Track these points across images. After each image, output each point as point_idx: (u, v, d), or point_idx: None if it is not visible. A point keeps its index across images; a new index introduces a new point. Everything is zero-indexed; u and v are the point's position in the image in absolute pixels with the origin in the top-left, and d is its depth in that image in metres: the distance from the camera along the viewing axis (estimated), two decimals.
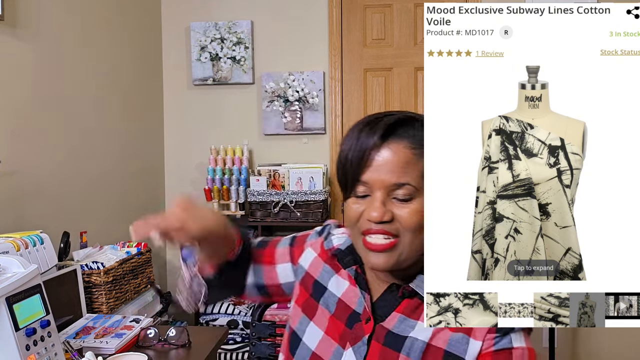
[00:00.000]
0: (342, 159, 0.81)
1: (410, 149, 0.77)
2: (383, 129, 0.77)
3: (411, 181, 0.76)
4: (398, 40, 2.78)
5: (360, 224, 0.78)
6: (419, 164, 0.76)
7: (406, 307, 0.81)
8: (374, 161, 0.77)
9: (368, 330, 0.80)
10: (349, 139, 0.81)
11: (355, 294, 0.85)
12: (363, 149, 0.77)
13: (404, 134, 0.78)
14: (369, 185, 0.77)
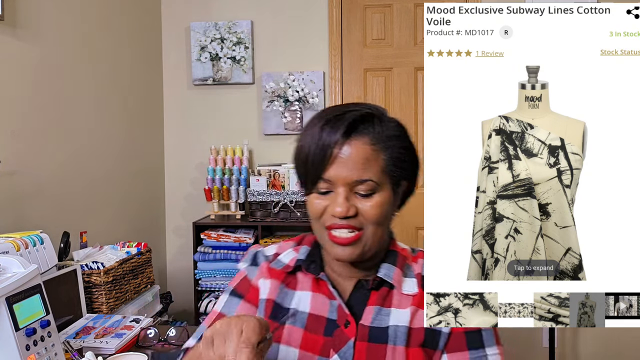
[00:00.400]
0: (302, 155, 0.82)
1: (370, 145, 0.79)
2: (346, 126, 0.79)
3: (373, 177, 0.79)
4: (398, 40, 2.78)
5: (324, 219, 0.81)
6: (378, 160, 0.79)
7: (377, 298, 0.84)
8: (337, 158, 0.79)
9: (352, 334, 0.81)
10: (309, 135, 0.81)
11: (323, 302, 0.84)
12: (326, 145, 0.79)
13: (365, 131, 0.80)
14: (331, 182, 0.79)
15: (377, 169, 0.79)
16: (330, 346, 0.81)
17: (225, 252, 2.52)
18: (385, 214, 0.81)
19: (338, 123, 0.79)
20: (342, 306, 0.83)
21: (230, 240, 2.53)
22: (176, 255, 2.95)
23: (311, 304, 0.84)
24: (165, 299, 2.34)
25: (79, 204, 2.11)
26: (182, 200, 2.92)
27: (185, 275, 2.86)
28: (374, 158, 0.79)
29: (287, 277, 0.88)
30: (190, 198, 2.90)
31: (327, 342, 0.81)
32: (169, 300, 2.40)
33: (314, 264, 0.87)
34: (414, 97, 2.76)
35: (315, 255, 0.89)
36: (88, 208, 2.18)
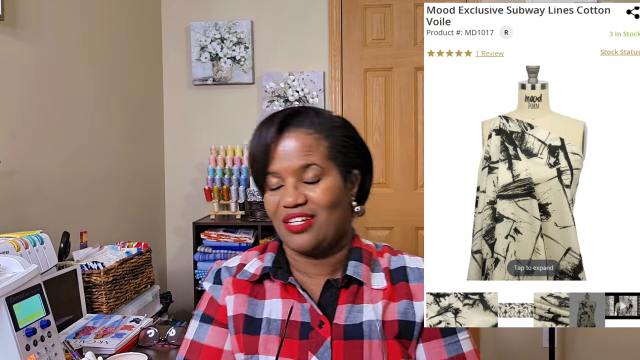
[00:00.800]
0: (250, 158, 0.86)
1: (309, 134, 0.83)
2: (280, 120, 0.83)
3: (316, 161, 0.82)
4: (398, 40, 2.78)
5: (279, 213, 0.84)
6: (320, 147, 0.83)
7: (347, 296, 0.85)
8: (278, 151, 0.83)
9: (327, 334, 0.82)
10: (253, 138, 0.86)
11: (295, 306, 0.85)
12: (266, 142, 0.83)
13: (301, 122, 0.84)
14: (279, 175, 0.83)
15: (320, 155, 0.83)
16: (307, 348, 0.82)
17: (225, 252, 2.52)
18: (336, 199, 0.83)
19: (273, 119, 0.84)
20: (314, 307, 0.84)
21: (230, 240, 2.53)
22: (176, 255, 2.95)
23: (283, 311, 0.85)
24: (165, 299, 2.34)
25: (79, 204, 2.11)
26: (182, 200, 2.92)
27: (185, 275, 2.86)
28: (315, 145, 0.83)
29: (254, 288, 0.88)
30: (190, 198, 2.90)
31: (303, 345, 0.82)
32: (169, 300, 2.40)
33: (281, 270, 0.88)
34: (414, 97, 2.76)
35: (281, 261, 0.89)
36: (88, 208, 2.18)
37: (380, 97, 2.79)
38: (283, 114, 0.84)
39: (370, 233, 2.79)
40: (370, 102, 2.80)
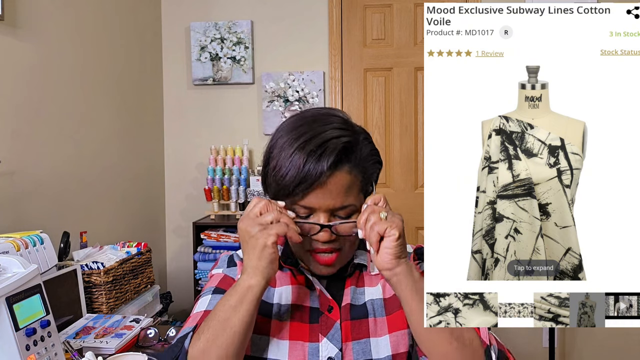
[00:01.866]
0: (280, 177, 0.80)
1: (349, 173, 0.81)
2: (332, 156, 0.78)
3: (353, 202, 0.82)
4: (398, 40, 2.78)
5: (305, 243, 0.83)
6: (356, 184, 0.83)
7: (351, 281, 0.90)
8: (322, 188, 0.79)
9: (337, 317, 0.86)
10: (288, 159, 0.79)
11: (304, 292, 0.88)
12: (311, 174, 0.78)
13: (346, 160, 0.81)
14: (314, 209, 0.81)
15: (356, 193, 0.83)
16: (318, 331, 0.85)
17: (225, 252, 2.52)
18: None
19: (324, 153, 0.78)
20: (324, 292, 0.87)
21: (230, 240, 2.53)
22: (176, 255, 2.95)
23: (293, 296, 0.88)
24: (165, 299, 2.33)
25: (79, 204, 2.11)
26: (182, 200, 2.92)
27: (185, 275, 2.86)
28: (353, 184, 0.82)
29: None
30: (190, 198, 2.90)
31: (313, 329, 0.85)
32: (169, 300, 2.40)
33: (290, 259, 0.90)
34: (414, 97, 2.76)
35: (288, 252, 0.92)
36: (88, 208, 2.18)
37: (380, 97, 2.79)
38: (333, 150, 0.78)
39: None
40: (370, 102, 2.80)
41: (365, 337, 0.85)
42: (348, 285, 0.89)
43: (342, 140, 0.80)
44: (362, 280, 0.90)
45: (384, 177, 2.79)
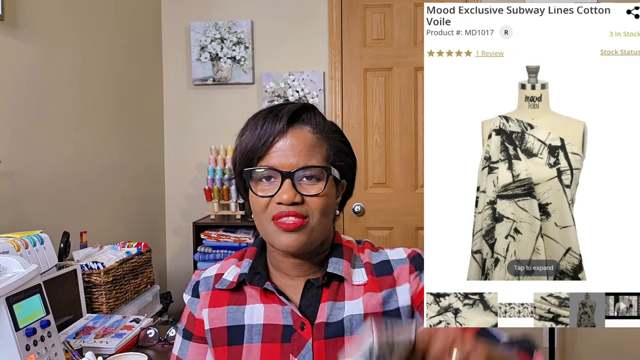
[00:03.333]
0: (243, 148, 0.82)
1: (313, 134, 0.82)
2: (288, 115, 0.80)
3: (317, 162, 0.80)
4: (398, 40, 2.78)
5: (270, 209, 0.80)
6: (322, 148, 0.81)
7: (329, 294, 0.84)
8: (280, 146, 0.80)
9: (309, 335, 0.81)
10: (251, 129, 0.82)
11: (276, 310, 0.83)
12: (269, 135, 0.79)
13: (307, 120, 0.82)
14: (276, 170, 0.79)
15: (320, 156, 0.81)
16: (289, 351, 0.81)
17: (225, 252, 2.52)
18: (330, 204, 0.82)
19: (280, 113, 0.81)
20: (295, 310, 0.82)
21: (230, 240, 2.53)
22: (176, 255, 2.95)
23: (264, 315, 0.83)
24: (165, 299, 2.34)
25: (79, 204, 2.11)
26: (182, 200, 2.92)
27: (185, 275, 2.86)
28: (317, 146, 0.81)
29: (233, 296, 0.87)
30: (190, 198, 2.90)
31: (285, 348, 0.81)
32: (169, 300, 2.40)
33: (259, 275, 0.86)
34: (414, 97, 2.76)
35: (258, 267, 0.88)
36: (88, 208, 2.18)
37: (380, 97, 2.79)
38: (290, 108, 0.82)
39: (370, 233, 2.79)
40: (370, 102, 2.80)
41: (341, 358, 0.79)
42: (325, 297, 0.83)
43: (301, 104, 0.84)
44: (341, 293, 0.84)
45: (384, 177, 2.79)
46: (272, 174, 0.80)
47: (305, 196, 0.79)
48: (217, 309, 0.86)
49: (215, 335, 0.85)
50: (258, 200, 0.81)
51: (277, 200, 0.79)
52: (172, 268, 2.95)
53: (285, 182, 0.78)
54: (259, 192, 0.81)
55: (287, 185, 0.78)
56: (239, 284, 0.87)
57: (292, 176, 0.79)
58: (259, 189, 0.81)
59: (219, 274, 0.90)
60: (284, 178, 0.79)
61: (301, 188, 0.79)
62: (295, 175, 0.79)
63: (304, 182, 0.80)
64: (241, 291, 0.87)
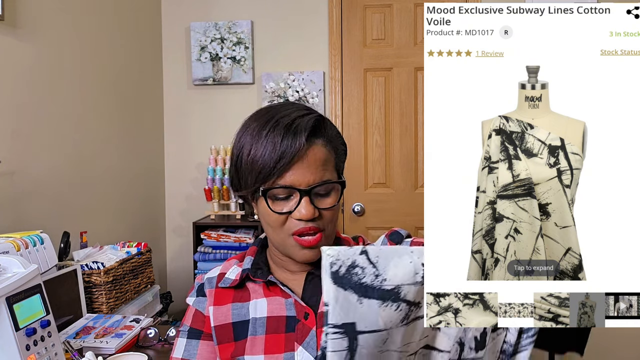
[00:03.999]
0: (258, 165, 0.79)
1: (324, 147, 0.82)
2: (307, 131, 0.79)
3: (330, 177, 0.81)
4: (398, 40, 2.78)
5: (289, 225, 0.81)
6: (332, 160, 0.83)
7: None
8: (299, 163, 0.79)
9: (313, 324, 0.83)
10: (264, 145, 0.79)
11: (279, 302, 0.85)
12: (289, 154, 0.78)
13: (319, 133, 0.82)
14: (294, 188, 0.79)
15: (331, 169, 0.82)
16: (293, 340, 0.82)
17: (225, 252, 2.53)
18: (337, 211, 0.85)
19: (297, 130, 0.79)
20: (298, 300, 0.84)
21: (230, 240, 2.53)
22: (176, 255, 2.95)
23: (268, 309, 0.85)
24: (165, 299, 2.34)
25: (79, 204, 2.11)
26: (182, 200, 2.92)
27: (185, 275, 2.86)
28: (329, 159, 0.82)
29: (237, 293, 0.88)
30: (190, 198, 2.90)
31: (289, 338, 0.83)
32: (169, 300, 2.40)
33: (261, 270, 0.88)
34: (414, 97, 2.76)
35: (260, 263, 0.89)
36: (88, 208, 2.18)
37: (380, 97, 2.79)
38: (307, 124, 0.79)
39: (370, 233, 2.79)
40: (370, 102, 2.80)
41: None
42: None
43: (311, 117, 0.81)
44: None
45: (384, 177, 2.79)
46: (289, 191, 0.80)
47: (321, 210, 0.81)
48: (222, 306, 0.87)
49: (221, 332, 0.86)
50: (273, 216, 0.81)
51: (297, 216, 0.80)
52: (172, 268, 2.95)
53: (304, 199, 0.79)
54: (276, 209, 0.81)
55: (306, 202, 0.79)
56: (242, 280, 0.88)
57: (310, 193, 0.80)
58: (275, 206, 0.81)
59: (222, 274, 0.92)
60: (302, 195, 0.79)
61: (317, 202, 0.81)
62: (312, 192, 0.80)
63: (319, 196, 0.81)
64: (244, 288, 0.89)
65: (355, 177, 2.82)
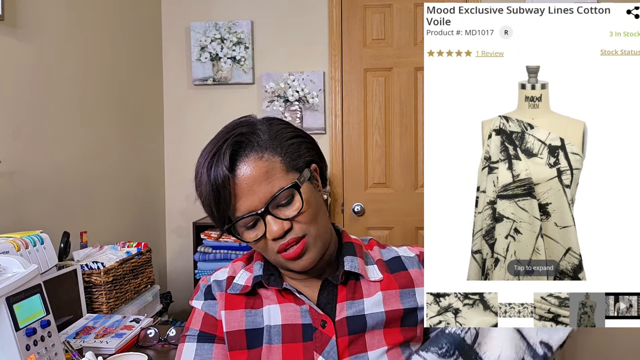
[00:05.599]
0: (206, 203, 0.80)
1: (261, 160, 0.78)
2: (226, 157, 0.77)
3: (282, 184, 0.77)
4: (398, 40, 2.78)
5: (270, 246, 0.80)
6: (276, 164, 0.78)
7: (346, 292, 0.84)
8: (238, 190, 0.77)
9: (332, 332, 0.80)
10: (201, 182, 0.79)
11: (294, 309, 0.83)
12: (220, 185, 0.77)
13: (246, 151, 0.78)
14: (251, 214, 0.78)
15: (281, 174, 0.78)
16: (312, 349, 0.80)
17: (225, 252, 2.52)
18: (316, 208, 0.81)
19: (219, 159, 0.77)
20: (314, 308, 0.82)
21: (231, 240, 2.53)
22: (176, 255, 2.95)
23: (282, 316, 0.82)
24: (165, 299, 2.34)
25: (79, 204, 2.11)
26: (182, 200, 2.92)
27: (185, 275, 2.86)
28: (271, 168, 0.78)
29: (249, 300, 0.86)
30: (191, 198, 2.89)
31: (307, 347, 0.80)
32: (169, 300, 2.40)
33: (274, 276, 0.86)
34: (414, 97, 2.76)
35: (271, 268, 0.87)
36: (88, 208, 2.18)
37: (380, 97, 2.79)
38: (226, 150, 0.77)
39: (370, 233, 2.79)
40: (370, 102, 2.80)
41: (363, 352, 0.80)
42: (342, 296, 0.83)
43: (233, 136, 0.79)
44: (359, 290, 0.84)
45: (384, 177, 2.79)
46: (251, 219, 0.79)
47: (291, 220, 0.79)
48: (235, 311, 0.85)
49: (233, 338, 0.83)
50: (255, 246, 0.82)
51: (270, 237, 0.79)
52: (172, 268, 2.95)
53: (267, 219, 0.78)
54: (252, 239, 0.81)
55: (271, 221, 0.78)
56: (253, 286, 0.86)
57: (268, 211, 0.78)
58: (249, 236, 0.81)
59: (231, 277, 0.89)
60: (263, 217, 0.78)
61: (283, 213, 0.78)
62: (270, 208, 0.78)
63: (282, 207, 0.78)
64: (256, 294, 0.86)
65: (355, 177, 2.82)
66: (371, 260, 0.88)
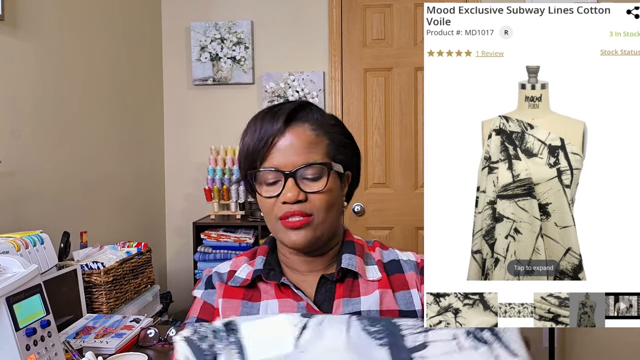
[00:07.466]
0: (244, 151, 0.84)
1: (311, 131, 0.83)
2: (285, 114, 0.82)
3: (318, 159, 0.81)
4: (398, 40, 2.78)
5: (276, 209, 0.82)
6: (322, 144, 0.83)
7: (343, 290, 0.84)
8: (281, 145, 0.81)
9: None
10: (251, 131, 0.84)
11: (291, 305, 0.83)
12: (268, 135, 0.81)
13: (304, 118, 0.83)
14: (278, 171, 0.81)
15: (321, 153, 0.82)
16: None
17: (225, 252, 2.53)
18: (333, 199, 0.83)
19: (278, 113, 0.82)
20: (311, 304, 0.83)
21: (230, 240, 2.53)
22: (176, 255, 2.95)
23: (279, 310, 0.83)
24: (165, 299, 2.34)
25: (79, 204, 2.11)
26: (182, 200, 2.92)
27: (185, 275, 2.86)
28: (317, 142, 0.82)
29: (247, 292, 0.87)
30: (190, 198, 2.90)
31: None
32: (169, 300, 2.40)
33: (273, 271, 0.87)
34: (414, 97, 2.76)
35: (272, 263, 0.88)
36: (88, 208, 2.18)
37: (380, 97, 2.79)
38: (288, 108, 0.83)
39: (370, 233, 2.79)
40: (370, 102, 2.80)
41: None
42: (339, 293, 0.84)
43: (299, 102, 0.85)
44: (356, 288, 0.85)
45: (384, 177, 2.79)
46: (275, 175, 0.81)
47: (308, 193, 0.81)
48: (232, 300, 0.86)
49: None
50: (265, 201, 0.83)
51: (282, 199, 0.81)
52: (172, 268, 2.95)
53: (289, 181, 0.80)
54: (265, 194, 0.83)
55: (291, 184, 0.80)
56: (253, 280, 0.87)
57: (295, 175, 0.80)
58: (264, 190, 0.83)
59: (232, 271, 0.90)
60: (287, 177, 0.80)
61: (304, 186, 0.81)
62: (298, 174, 0.81)
63: (307, 180, 0.81)
64: (255, 288, 0.87)
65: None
66: (372, 261, 0.89)
